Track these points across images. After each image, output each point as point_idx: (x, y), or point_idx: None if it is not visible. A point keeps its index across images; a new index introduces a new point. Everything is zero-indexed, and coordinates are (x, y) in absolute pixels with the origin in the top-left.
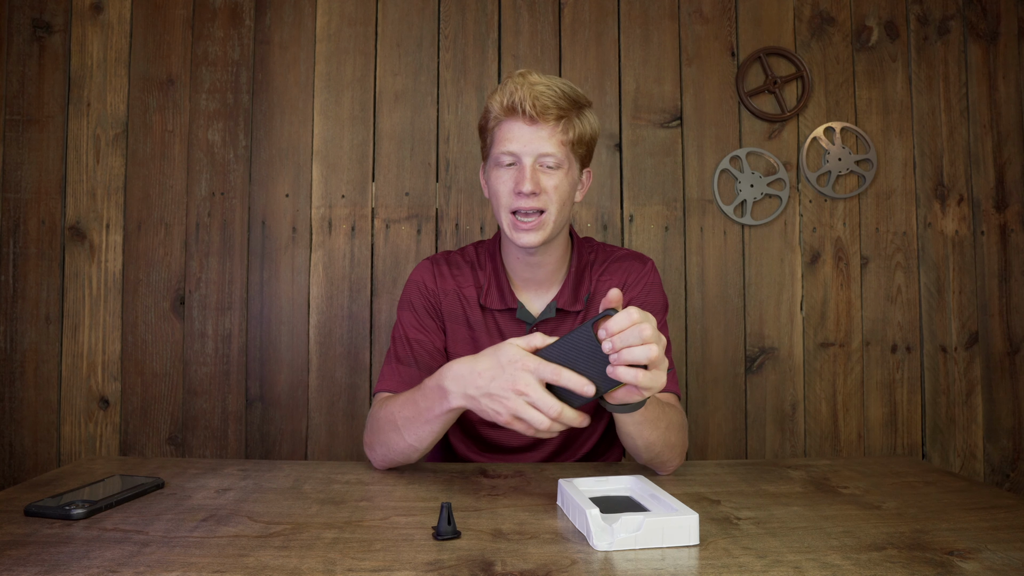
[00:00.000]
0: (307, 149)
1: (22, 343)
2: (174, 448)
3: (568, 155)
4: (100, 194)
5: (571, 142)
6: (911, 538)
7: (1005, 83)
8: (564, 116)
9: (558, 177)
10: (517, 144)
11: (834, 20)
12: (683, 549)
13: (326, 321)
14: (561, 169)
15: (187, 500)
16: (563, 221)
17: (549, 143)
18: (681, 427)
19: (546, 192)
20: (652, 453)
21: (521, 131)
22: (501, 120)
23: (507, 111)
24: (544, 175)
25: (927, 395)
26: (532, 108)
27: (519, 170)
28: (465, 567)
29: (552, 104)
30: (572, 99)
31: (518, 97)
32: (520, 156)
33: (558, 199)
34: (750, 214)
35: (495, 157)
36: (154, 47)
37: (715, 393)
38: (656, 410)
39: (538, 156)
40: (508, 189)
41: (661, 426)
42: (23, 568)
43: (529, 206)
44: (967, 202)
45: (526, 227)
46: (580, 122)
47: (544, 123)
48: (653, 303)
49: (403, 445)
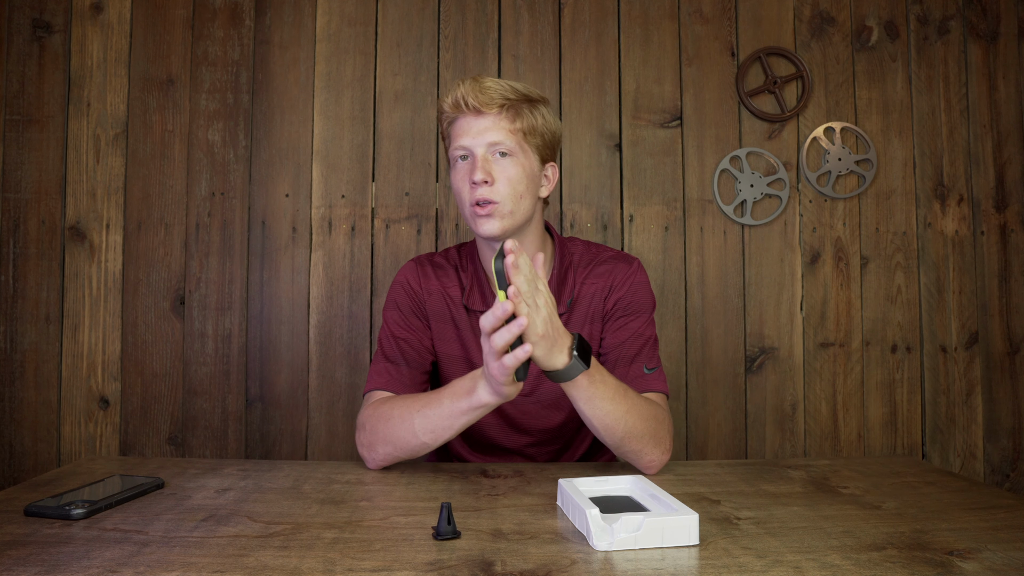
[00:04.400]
0: (307, 149)
1: (22, 343)
2: (174, 448)
3: (521, 144)
4: (100, 194)
5: (521, 131)
6: (911, 538)
7: (1005, 83)
8: (508, 105)
9: (510, 165)
10: (467, 137)
11: (834, 20)
12: (683, 549)
13: (326, 321)
14: (513, 157)
15: (187, 500)
16: (523, 212)
17: (496, 131)
18: (652, 418)
19: (499, 181)
20: (615, 438)
21: (469, 124)
22: (452, 119)
23: (453, 107)
24: (496, 164)
25: (927, 395)
26: (475, 100)
27: (472, 162)
28: (465, 567)
29: (497, 95)
30: (522, 93)
31: (461, 92)
32: (471, 149)
33: (511, 189)
34: (750, 214)
35: (451, 157)
36: (154, 47)
37: (715, 393)
38: (611, 389)
39: (488, 146)
40: (465, 183)
41: (620, 408)
42: (23, 568)
43: (482, 196)
44: (967, 202)
45: (482, 213)
46: (531, 114)
47: (488, 112)
48: (640, 303)
49: (416, 444)
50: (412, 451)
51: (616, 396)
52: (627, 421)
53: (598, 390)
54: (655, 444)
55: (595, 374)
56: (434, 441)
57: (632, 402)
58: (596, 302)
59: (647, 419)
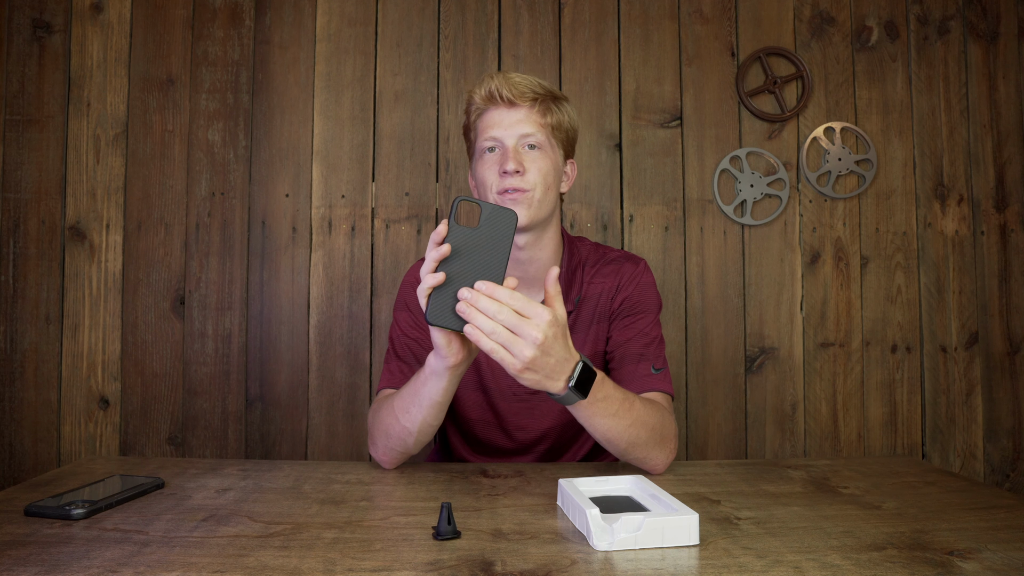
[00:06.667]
0: (307, 149)
1: (22, 343)
2: (174, 448)
3: (549, 138)
4: (100, 194)
5: (550, 126)
6: (911, 538)
7: (1005, 83)
8: (540, 99)
9: (540, 158)
10: (499, 129)
11: (834, 20)
12: (683, 549)
13: (326, 321)
14: (543, 150)
15: (187, 500)
16: (549, 204)
17: (528, 124)
18: (656, 424)
19: (530, 171)
20: (618, 449)
21: (501, 116)
22: (482, 110)
23: (486, 99)
24: (527, 156)
25: (927, 395)
26: (510, 92)
27: (502, 152)
28: (465, 567)
29: (528, 89)
30: (548, 89)
31: (495, 84)
32: (502, 140)
33: (542, 179)
34: (750, 214)
35: (479, 148)
36: (154, 47)
37: (715, 393)
38: (614, 404)
39: (519, 137)
40: (494, 172)
41: (622, 423)
42: (23, 568)
43: (514, 185)
44: (967, 202)
45: (513, 198)
46: (558, 110)
47: (522, 104)
48: (646, 303)
49: (398, 428)
50: (400, 438)
51: (619, 411)
52: (630, 433)
53: (598, 408)
54: (660, 449)
55: (597, 394)
56: (411, 423)
57: (636, 415)
58: (603, 301)
59: (651, 428)
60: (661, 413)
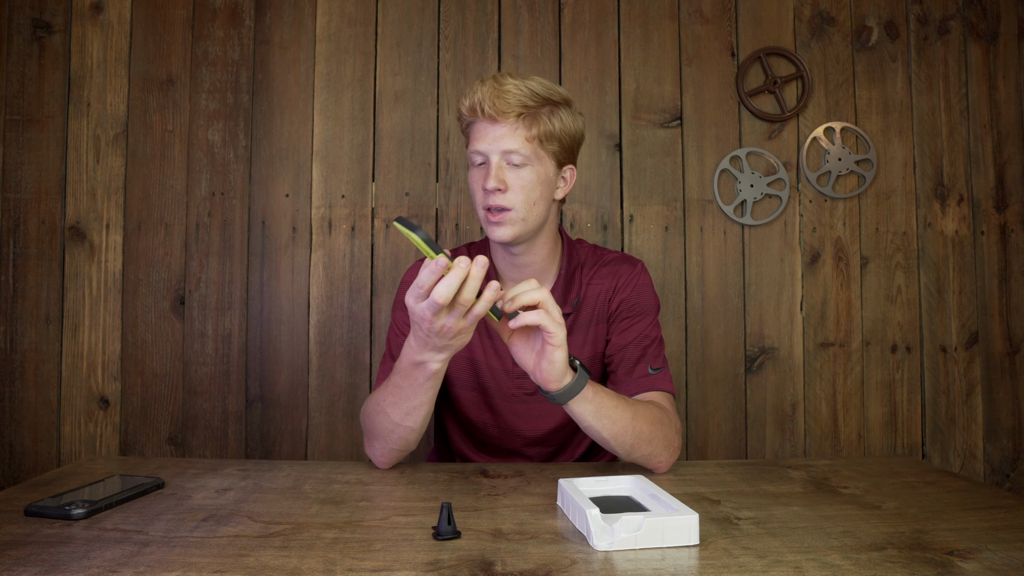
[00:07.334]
0: (307, 149)
1: (22, 343)
2: (174, 448)
3: (536, 151)
4: (100, 194)
5: (538, 138)
6: (911, 538)
7: (1005, 83)
8: (525, 113)
9: (525, 174)
10: (483, 143)
11: (834, 20)
12: (683, 549)
13: (326, 321)
14: (528, 166)
15: (187, 500)
16: (536, 218)
17: (512, 139)
18: (657, 423)
19: (512, 189)
20: (622, 449)
21: (485, 130)
22: (470, 121)
23: (470, 112)
24: (510, 172)
25: (927, 395)
26: (491, 108)
27: (486, 168)
28: (465, 567)
29: (514, 101)
30: (542, 97)
31: (477, 98)
32: (487, 155)
33: (524, 196)
34: (750, 214)
35: (469, 157)
36: (154, 47)
37: (715, 393)
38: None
39: (502, 154)
40: (479, 187)
41: (619, 423)
42: (23, 568)
43: (494, 203)
44: (967, 202)
45: (494, 220)
46: (549, 119)
47: (504, 121)
48: (644, 304)
49: (388, 423)
50: (388, 433)
51: (617, 408)
52: (630, 433)
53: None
54: (663, 447)
55: (589, 392)
56: (399, 417)
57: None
58: (601, 303)
59: (651, 426)
60: (661, 411)
